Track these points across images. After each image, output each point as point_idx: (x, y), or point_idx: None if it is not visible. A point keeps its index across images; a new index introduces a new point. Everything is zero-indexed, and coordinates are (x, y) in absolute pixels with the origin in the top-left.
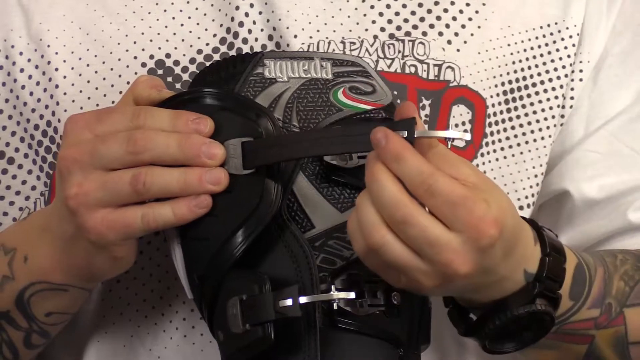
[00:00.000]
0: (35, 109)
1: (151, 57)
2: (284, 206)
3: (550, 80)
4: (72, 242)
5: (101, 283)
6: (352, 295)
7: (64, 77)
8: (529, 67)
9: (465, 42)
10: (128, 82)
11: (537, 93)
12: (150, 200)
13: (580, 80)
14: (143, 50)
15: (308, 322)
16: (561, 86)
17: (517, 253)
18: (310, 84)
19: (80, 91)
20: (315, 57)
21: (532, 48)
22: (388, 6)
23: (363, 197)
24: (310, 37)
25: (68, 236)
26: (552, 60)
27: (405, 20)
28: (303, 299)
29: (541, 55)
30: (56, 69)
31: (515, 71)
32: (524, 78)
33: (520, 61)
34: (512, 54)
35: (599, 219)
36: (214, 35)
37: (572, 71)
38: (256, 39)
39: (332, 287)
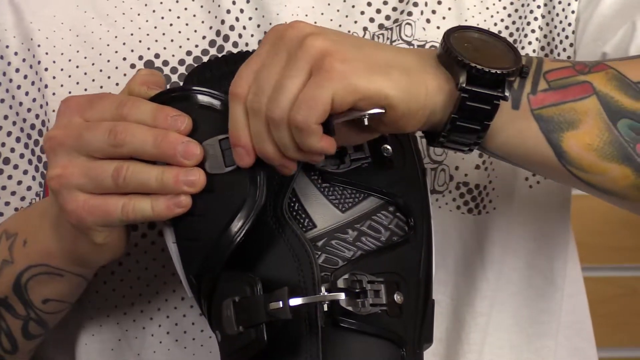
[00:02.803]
0: (31, 108)
1: (140, 57)
2: (285, 205)
3: (530, 43)
4: (59, 223)
5: (90, 283)
6: (341, 296)
7: (53, 77)
8: (510, 35)
9: (443, 17)
10: (117, 84)
11: None
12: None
13: (573, 11)
14: (132, 51)
15: (310, 322)
16: (538, 39)
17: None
18: None
19: (69, 92)
20: None
21: (509, 15)
22: None
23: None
24: None
25: (55, 217)
26: (529, 23)
27: (394, 9)
28: (293, 301)
29: (518, 18)
30: (46, 69)
31: None
32: None
33: (500, 32)
34: (485, 20)
35: None
36: (204, 37)
37: (553, 21)
38: (246, 44)
39: (322, 289)
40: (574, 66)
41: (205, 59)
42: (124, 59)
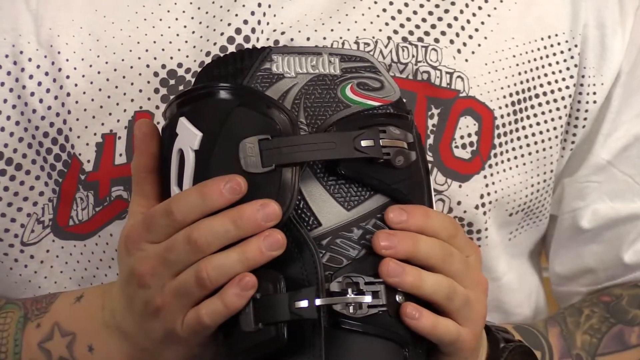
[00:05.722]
0: (45, 116)
1: (163, 66)
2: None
3: (552, 92)
4: (163, 346)
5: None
6: (368, 299)
7: (75, 85)
8: (533, 79)
9: (473, 52)
10: (140, 90)
11: (540, 104)
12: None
13: (594, 102)
14: (155, 59)
15: (313, 322)
16: (563, 97)
17: None
18: (318, 80)
19: (92, 100)
20: (323, 52)
21: (535, 59)
22: (399, 11)
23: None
24: (324, 39)
25: (157, 342)
26: (553, 72)
27: (417, 27)
28: (318, 301)
29: (542, 66)
30: (67, 77)
31: (521, 82)
32: (529, 89)
33: (525, 72)
34: (517, 65)
35: (590, 246)
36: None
37: (582, 84)
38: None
39: (349, 290)
40: None
41: None
42: (147, 66)
